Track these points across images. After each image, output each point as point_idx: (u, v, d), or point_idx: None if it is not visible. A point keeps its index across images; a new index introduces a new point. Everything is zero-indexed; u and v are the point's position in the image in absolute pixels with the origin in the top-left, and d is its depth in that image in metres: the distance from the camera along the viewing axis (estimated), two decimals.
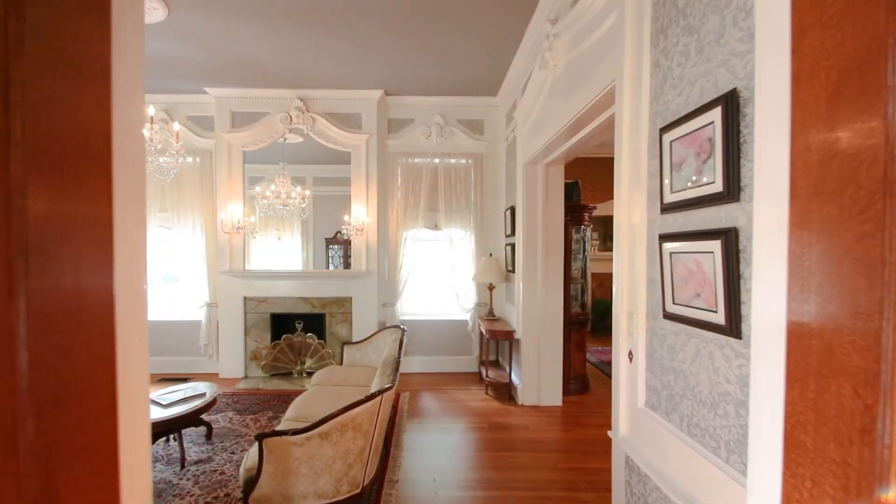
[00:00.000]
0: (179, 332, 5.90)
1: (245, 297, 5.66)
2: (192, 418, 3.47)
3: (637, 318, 2.07)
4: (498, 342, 5.56)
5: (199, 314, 5.80)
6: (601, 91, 2.54)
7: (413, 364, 5.85)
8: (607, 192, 8.01)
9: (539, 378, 4.63)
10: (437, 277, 6.08)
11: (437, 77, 5.10)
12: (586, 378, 5.16)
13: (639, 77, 2.07)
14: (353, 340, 5.59)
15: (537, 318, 4.61)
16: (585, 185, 7.49)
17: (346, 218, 5.59)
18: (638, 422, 2.07)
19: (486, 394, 5.00)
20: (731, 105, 1.44)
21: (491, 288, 5.40)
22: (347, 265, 6.08)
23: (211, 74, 5.07)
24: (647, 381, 2.01)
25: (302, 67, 4.88)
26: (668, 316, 1.81)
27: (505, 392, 4.93)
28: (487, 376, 4.98)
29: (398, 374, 3.03)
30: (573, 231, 4.98)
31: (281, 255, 6.01)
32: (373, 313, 5.67)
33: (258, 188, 5.82)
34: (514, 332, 4.81)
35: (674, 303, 1.76)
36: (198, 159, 5.74)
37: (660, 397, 1.91)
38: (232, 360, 5.67)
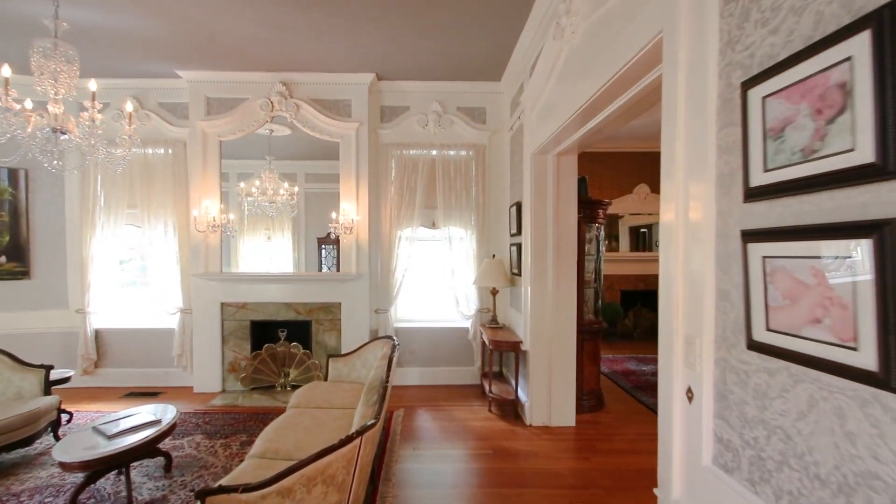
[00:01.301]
0: (151, 342, 5.36)
1: (222, 303, 5.11)
2: (142, 451, 2.93)
3: (700, 346, 1.53)
4: (502, 354, 5.02)
5: (173, 321, 5.26)
6: (640, 50, 2.01)
7: (408, 376, 5.32)
8: (614, 190, 7.49)
9: (550, 395, 4.10)
10: (435, 281, 5.55)
11: (434, 59, 4.56)
12: (600, 393, 4.63)
13: (701, 18, 1.54)
14: (342, 352, 5.07)
15: (547, 327, 4.08)
16: (590, 182, 6.96)
17: (333, 215, 5.05)
18: (701, 484, 1.54)
19: (490, 411, 4.47)
20: (889, 27, 0.91)
21: (494, 292, 4.87)
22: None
23: (182, 55, 4.52)
24: (717, 431, 1.48)
25: (283, 46, 4.34)
26: (758, 346, 1.27)
27: (511, 410, 4.40)
28: (491, 392, 4.44)
29: (385, 403, 2.50)
30: (586, 229, 4.45)
31: (271, 257, 5.47)
32: (364, 320, 5.14)
33: (242, 184, 5.30)
34: (521, 342, 4.27)
35: (769, 328, 1.23)
36: (170, 150, 5.20)
37: (738, 458, 1.37)
38: (208, 372, 5.13)
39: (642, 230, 8.12)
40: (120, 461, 2.83)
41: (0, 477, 3.21)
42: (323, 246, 5.59)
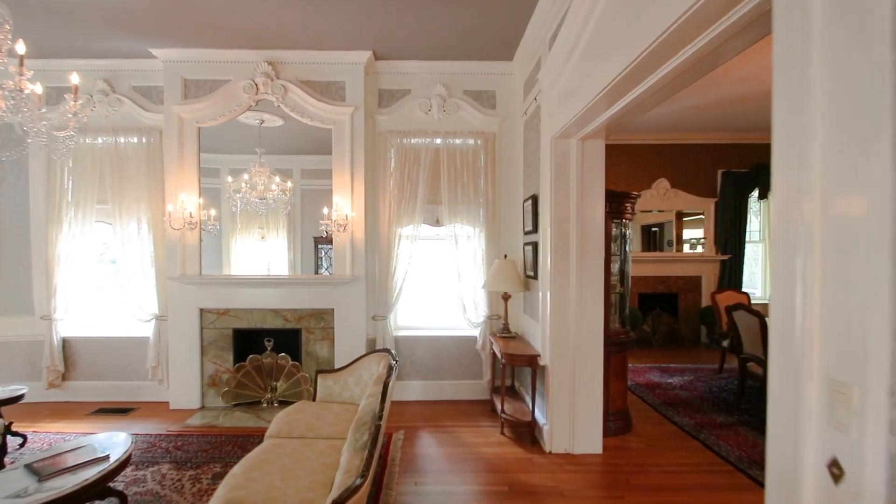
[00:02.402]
0: (124, 352, 4.83)
1: (201, 309, 4.57)
2: (84, 496, 2.39)
3: (864, 398, 0.98)
4: (514, 368, 4.47)
5: (148, 329, 4.72)
6: None
7: (410, 390, 4.77)
8: (630, 185, 6.93)
9: (572, 418, 3.55)
10: (440, 284, 5.00)
11: (438, 35, 4.02)
12: (628, 413, 4.08)
13: None
14: (336, 364, 4.53)
15: (569, 338, 3.53)
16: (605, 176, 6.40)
17: (324, 211, 4.51)
18: None
19: (503, 434, 3.92)
20: None
21: (506, 298, 4.32)
22: None
23: (156, 29, 3.99)
24: None
25: (269, 18, 3.80)
26: None
27: (527, 433, 3.84)
28: (504, 412, 3.89)
29: (378, 446, 1.95)
30: (612, 226, 3.89)
31: (269, 261, 4.92)
32: (360, 328, 4.59)
33: (230, 179, 4.77)
34: (539, 356, 3.73)
35: None
36: (144, 139, 4.66)
37: None
38: (185, 386, 4.59)
39: (653, 229, 7.58)
40: None
41: None
42: (320, 246, 5.05)
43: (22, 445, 3.71)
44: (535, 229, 3.95)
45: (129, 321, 4.77)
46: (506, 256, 4.39)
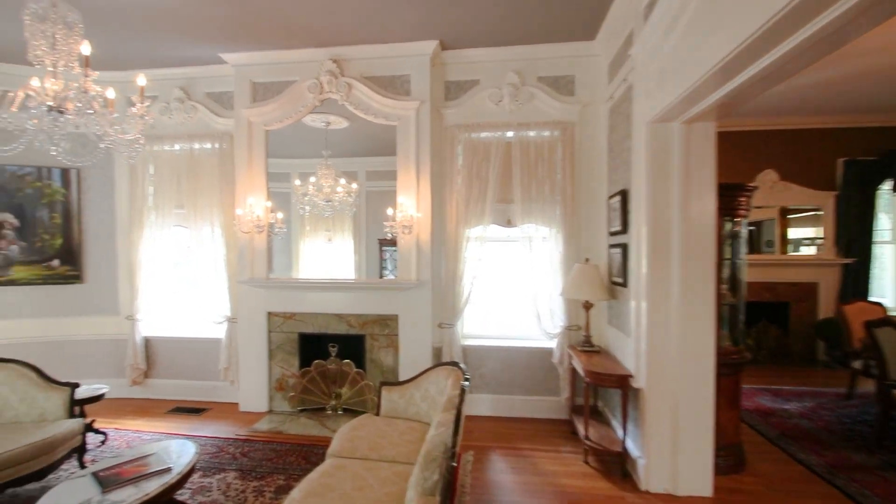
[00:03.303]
0: (199, 352, 4.93)
1: (269, 313, 4.53)
2: None
3: None
4: (597, 388, 3.94)
5: (221, 331, 4.77)
6: None
7: (479, 404, 4.41)
8: (729, 178, 6.05)
9: (674, 451, 3.00)
10: (511, 290, 4.60)
11: (510, 18, 3.65)
12: (741, 448, 3.42)
13: None
14: (400, 372, 4.30)
15: (670, 357, 2.99)
16: None
17: (389, 212, 4.28)
18: None
19: (587, 463, 3.43)
20: None
21: (587, 306, 3.83)
22: None
23: (226, 33, 3.99)
24: None
25: (332, 14, 3.65)
26: None
27: (616, 465, 3.33)
28: (588, 438, 3.41)
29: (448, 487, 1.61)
30: (722, 224, 3.28)
31: (332, 260, 4.82)
32: (425, 336, 4.31)
33: (298, 181, 4.72)
34: (631, 376, 3.21)
35: None
36: (217, 145, 4.73)
37: None
38: (254, 389, 4.57)
39: (750, 227, 6.59)
40: None
41: None
42: (384, 248, 4.85)
43: (103, 443, 3.82)
44: (625, 229, 3.43)
45: (204, 322, 4.86)
46: (587, 260, 3.90)
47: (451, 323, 4.31)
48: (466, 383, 2.61)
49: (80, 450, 3.30)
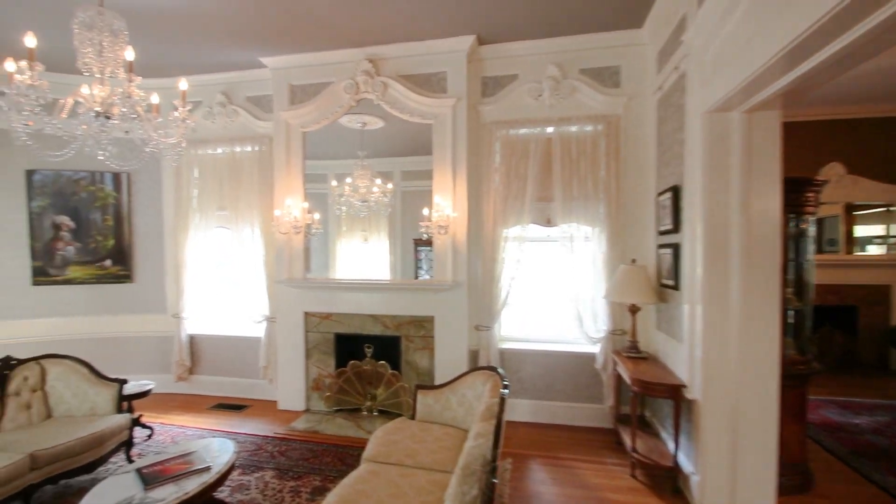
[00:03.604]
0: (240, 350, 5.03)
1: (306, 313, 4.56)
2: None
3: None
4: (645, 397, 3.71)
5: (260, 330, 4.85)
6: None
7: (518, 409, 4.26)
8: (791, 171, 5.61)
9: (733, 468, 2.76)
10: (551, 292, 4.42)
11: (551, 7, 3.49)
12: (807, 467, 3.12)
13: None
14: (435, 375, 4.22)
15: (730, 366, 2.75)
16: None
17: (424, 212, 4.21)
18: None
19: (634, 477, 3.23)
20: None
21: (634, 310, 3.61)
22: None
23: (266, 37, 4.04)
24: None
25: (367, 12, 3.61)
26: None
27: (666, 480, 3.11)
28: (635, 451, 3.20)
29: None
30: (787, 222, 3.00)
31: (368, 260, 4.81)
32: (461, 339, 4.21)
33: (334, 182, 4.73)
34: (683, 386, 2.99)
35: None
36: (256, 147, 4.81)
37: None
38: (291, 388, 4.61)
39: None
40: None
41: None
42: (420, 249, 4.79)
43: (149, 437, 3.94)
44: (676, 228, 3.20)
45: (245, 321, 4.95)
46: (634, 261, 3.68)
47: (488, 325, 4.19)
48: (506, 391, 2.49)
49: (128, 444, 3.41)
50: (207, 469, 2.51)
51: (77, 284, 4.96)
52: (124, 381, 3.52)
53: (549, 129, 4.06)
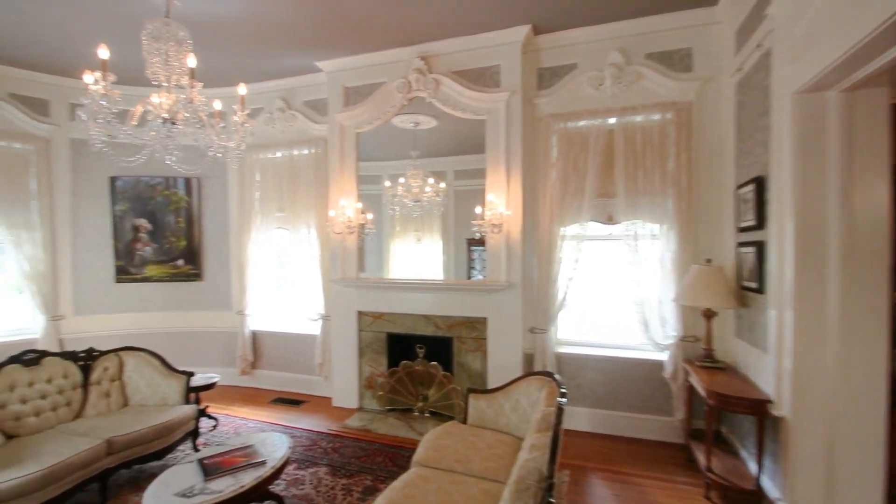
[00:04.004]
0: (298, 347, 5.18)
1: (359, 312, 4.60)
2: (241, 500, 2.34)
3: None
4: (721, 411, 3.35)
5: (316, 328, 4.96)
6: None
7: (576, 418, 4.04)
8: None
9: (829, 496, 2.41)
10: (613, 294, 4.15)
11: None
12: None
13: None
14: (488, 378, 4.10)
15: (826, 380, 2.41)
16: None
17: (477, 210, 4.09)
18: None
19: (709, 500, 2.92)
20: None
21: (708, 315, 3.28)
22: None
23: (321, 41, 4.12)
24: None
25: (421, 9, 3.56)
26: None
27: None
28: (710, 470, 2.90)
29: None
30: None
31: (422, 261, 4.79)
32: (515, 341, 4.05)
33: (388, 183, 4.76)
34: (769, 401, 2.65)
35: None
36: (312, 150, 4.92)
37: None
38: (345, 386, 4.67)
39: None
40: None
41: (126, 492, 3.03)
42: (473, 249, 4.68)
43: (214, 427, 4.12)
44: (760, 224, 2.86)
45: (302, 319, 5.08)
46: (709, 261, 3.35)
47: (544, 328, 4.00)
48: (564, 399, 2.32)
49: (194, 433, 3.58)
50: (263, 463, 2.54)
51: (153, 282, 5.33)
52: (192, 374, 3.70)
53: (611, 121, 3.81)
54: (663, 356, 3.70)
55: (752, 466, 2.83)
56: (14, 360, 3.20)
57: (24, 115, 4.71)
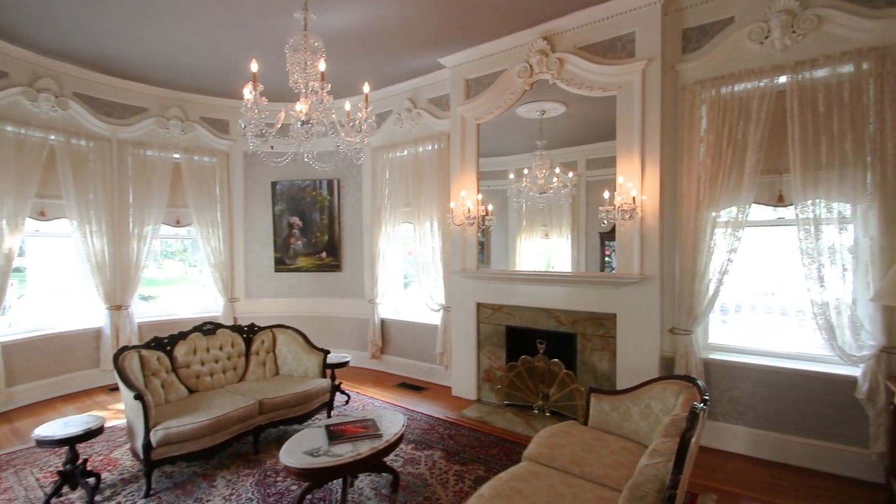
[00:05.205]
0: (421, 336, 5.37)
1: (478, 304, 4.56)
2: (360, 466, 2.47)
3: None
4: None
5: (437, 318, 5.08)
6: None
7: (729, 437, 3.40)
8: None
9: None
10: (782, 291, 3.40)
11: None
12: None
13: None
14: (617, 382, 3.70)
15: None
16: None
17: (605, 195, 3.72)
18: None
19: None
20: None
21: None
22: None
23: (444, 36, 4.20)
24: None
25: None
26: None
27: None
28: None
29: None
30: None
31: (549, 256, 4.59)
32: (651, 342, 3.57)
33: (512, 175, 4.67)
34: None
35: None
36: (435, 145, 5.05)
37: None
38: (464, 376, 4.68)
39: None
40: (336, 473, 2.45)
41: (273, 448, 3.43)
42: (607, 243, 4.29)
43: (346, 402, 4.48)
44: None
45: (425, 309, 5.25)
46: None
47: (688, 329, 3.44)
48: (702, 405, 1.92)
49: (329, 405, 3.92)
50: (379, 436, 2.65)
51: (303, 272, 6.06)
52: (328, 352, 4.07)
53: (782, 79, 3.11)
54: (855, 371, 2.87)
55: None
56: (196, 329, 3.89)
57: (210, 134, 5.78)
